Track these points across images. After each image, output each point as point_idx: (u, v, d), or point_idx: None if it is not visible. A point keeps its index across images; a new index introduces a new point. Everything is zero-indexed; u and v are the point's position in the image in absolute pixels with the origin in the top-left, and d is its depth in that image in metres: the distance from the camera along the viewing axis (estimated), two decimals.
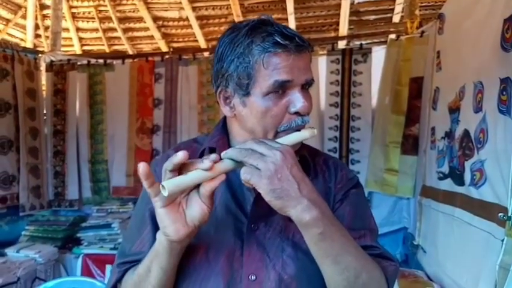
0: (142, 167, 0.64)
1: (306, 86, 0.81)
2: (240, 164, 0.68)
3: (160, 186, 0.64)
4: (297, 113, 0.79)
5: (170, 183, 0.63)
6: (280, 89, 0.77)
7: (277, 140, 0.74)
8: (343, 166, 0.94)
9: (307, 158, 0.88)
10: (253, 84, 0.77)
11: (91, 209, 3.25)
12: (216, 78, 0.83)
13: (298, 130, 0.79)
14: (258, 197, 0.79)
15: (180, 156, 0.64)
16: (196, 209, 0.68)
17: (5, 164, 2.98)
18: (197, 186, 0.68)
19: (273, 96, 0.77)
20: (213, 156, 0.67)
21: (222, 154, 0.68)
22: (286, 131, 0.79)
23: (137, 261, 0.81)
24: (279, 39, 0.75)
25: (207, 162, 0.65)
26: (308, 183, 0.69)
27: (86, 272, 2.78)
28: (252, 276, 0.78)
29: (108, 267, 2.78)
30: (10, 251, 2.72)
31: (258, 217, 0.81)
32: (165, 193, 0.63)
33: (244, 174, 0.65)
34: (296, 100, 0.78)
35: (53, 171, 3.40)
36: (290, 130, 0.79)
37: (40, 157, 3.29)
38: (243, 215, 0.82)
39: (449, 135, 1.97)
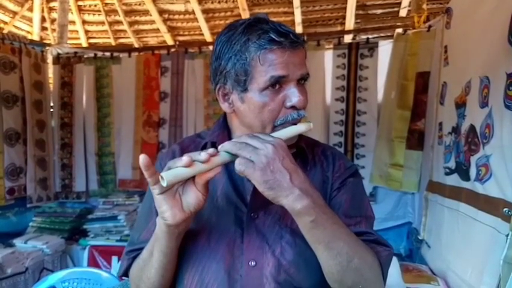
0: (142, 158, 0.68)
1: (302, 80, 0.83)
2: (235, 156, 0.71)
3: (160, 177, 0.68)
4: (293, 107, 0.82)
5: (169, 175, 0.67)
6: (277, 84, 0.80)
7: (274, 134, 0.77)
8: (341, 156, 0.97)
9: (305, 149, 0.91)
10: (250, 81, 0.80)
11: (98, 201, 3.28)
12: (214, 75, 0.86)
13: (295, 124, 0.82)
14: None
15: (185, 161, 0.68)
16: (191, 196, 0.73)
17: (12, 156, 3.02)
18: (193, 176, 0.72)
19: (269, 91, 0.80)
20: (211, 150, 0.71)
21: (219, 147, 0.72)
22: (283, 125, 0.82)
23: (143, 249, 0.86)
24: (274, 36, 0.77)
25: (203, 154, 0.69)
26: (300, 174, 0.72)
27: (93, 263, 2.82)
28: (252, 262, 0.82)
29: (114, 259, 2.82)
30: (18, 242, 2.76)
31: (257, 206, 0.85)
32: (164, 183, 0.67)
33: (239, 166, 0.69)
34: (292, 95, 0.81)
35: (60, 164, 3.44)
36: (287, 124, 0.82)
37: (47, 149, 3.32)
38: (243, 205, 0.86)
39: (455, 130, 1.97)
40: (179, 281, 0.86)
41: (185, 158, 0.68)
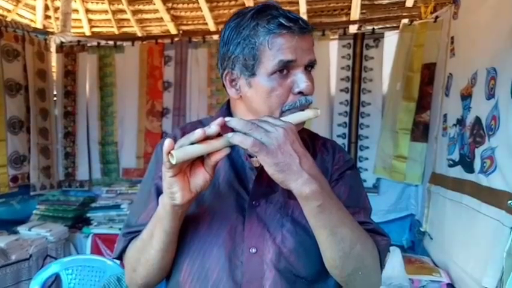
0: (168, 142, 0.68)
1: (309, 67, 0.84)
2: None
3: (169, 154, 0.68)
4: (300, 93, 0.82)
5: (179, 152, 0.68)
6: (285, 68, 0.80)
7: (282, 119, 0.76)
8: (340, 149, 0.98)
9: (306, 141, 0.91)
10: (258, 65, 0.81)
11: (101, 190, 3.31)
12: (222, 61, 0.87)
13: (303, 110, 0.82)
14: (259, 175, 0.85)
15: (199, 134, 0.68)
16: (199, 177, 0.73)
17: (16, 144, 3.02)
18: (200, 156, 0.73)
19: (277, 76, 0.80)
20: (218, 120, 0.70)
21: (226, 119, 0.71)
22: (291, 110, 0.82)
23: (141, 232, 0.85)
24: (283, 21, 0.78)
25: (213, 126, 0.69)
26: (309, 159, 0.72)
27: (96, 250, 2.84)
28: (253, 249, 0.82)
29: None
30: (22, 229, 2.78)
31: (259, 194, 0.86)
32: (173, 161, 0.68)
33: (253, 147, 0.68)
34: (300, 80, 0.81)
35: (63, 152, 3.45)
36: (295, 109, 0.82)
37: (50, 138, 3.33)
38: (245, 193, 0.86)
39: (460, 122, 1.96)
40: (177, 266, 0.86)
41: (198, 131, 0.68)
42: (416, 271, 1.99)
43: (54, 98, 3.44)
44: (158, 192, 0.83)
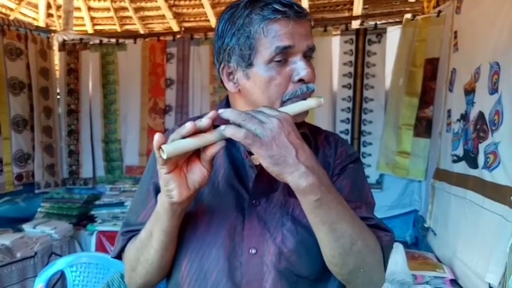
0: (157, 137, 0.66)
1: (308, 55, 0.81)
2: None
3: (160, 150, 0.66)
4: (301, 81, 0.79)
5: (169, 147, 0.65)
6: (282, 56, 0.77)
7: (282, 109, 0.74)
8: (343, 142, 0.95)
9: (308, 135, 0.89)
10: (255, 55, 0.78)
11: (105, 188, 3.31)
12: (218, 55, 0.84)
13: (304, 99, 0.79)
14: (260, 173, 0.82)
15: (188, 127, 0.65)
16: (197, 172, 0.71)
17: (20, 142, 3.04)
18: (197, 152, 0.70)
19: (275, 65, 0.78)
20: (211, 113, 0.68)
21: (220, 111, 0.69)
22: (292, 100, 0.79)
23: (141, 231, 0.84)
24: (277, 7, 0.76)
25: (204, 120, 0.67)
26: (306, 150, 0.69)
27: (100, 248, 2.86)
28: (253, 250, 0.80)
29: None
30: (27, 227, 2.79)
31: (259, 193, 0.83)
32: (164, 156, 0.65)
33: (246, 139, 0.65)
34: (299, 68, 0.78)
35: (67, 150, 3.46)
36: (296, 98, 0.79)
37: (54, 136, 3.35)
38: (245, 191, 0.84)
39: (464, 117, 1.95)
40: (176, 266, 0.85)
41: (188, 124, 0.65)
42: (420, 267, 1.98)
43: (58, 96, 3.44)
44: (157, 190, 0.80)
